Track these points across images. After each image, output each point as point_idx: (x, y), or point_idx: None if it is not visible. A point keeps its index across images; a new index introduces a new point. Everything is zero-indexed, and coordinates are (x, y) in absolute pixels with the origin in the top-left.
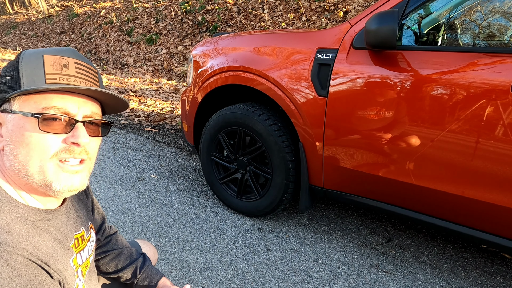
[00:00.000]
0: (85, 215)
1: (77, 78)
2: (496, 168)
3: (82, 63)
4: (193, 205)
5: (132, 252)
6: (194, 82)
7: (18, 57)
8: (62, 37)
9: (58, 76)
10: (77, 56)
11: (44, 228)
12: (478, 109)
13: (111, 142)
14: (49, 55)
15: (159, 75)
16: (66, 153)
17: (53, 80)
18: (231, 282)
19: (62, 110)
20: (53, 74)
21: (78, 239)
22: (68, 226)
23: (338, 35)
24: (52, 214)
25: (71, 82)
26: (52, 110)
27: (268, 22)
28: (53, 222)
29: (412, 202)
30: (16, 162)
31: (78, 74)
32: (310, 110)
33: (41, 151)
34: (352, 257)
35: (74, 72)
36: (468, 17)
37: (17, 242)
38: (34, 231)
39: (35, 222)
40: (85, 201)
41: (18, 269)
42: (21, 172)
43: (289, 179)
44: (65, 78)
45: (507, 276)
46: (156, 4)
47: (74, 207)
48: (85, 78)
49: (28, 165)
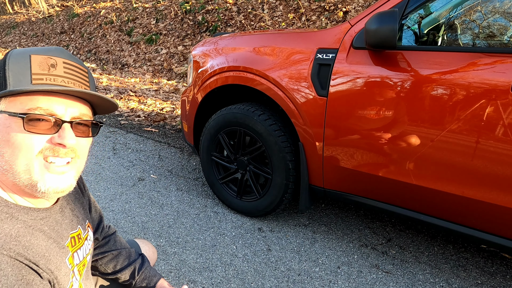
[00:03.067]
0: (81, 214)
1: (64, 79)
2: (496, 168)
3: (71, 63)
4: (193, 205)
5: (131, 253)
6: (194, 82)
7: (6, 56)
8: (62, 37)
9: (44, 76)
10: (66, 55)
11: (36, 227)
12: (478, 109)
13: (111, 142)
14: (37, 55)
15: (159, 75)
16: (50, 151)
17: (39, 80)
18: (231, 282)
19: (48, 111)
20: (40, 75)
21: (75, 238)
22: (63, 225)
23: (338, 35)
24: (45, 213)
25: (58, 82)
26: (38, 111)
27: (268, 22)
28: (46, 221)
29: (412, 202)
30: (2, 161)
31: (66, 74)
32: (310, 110)
33: (26, 150)
34: (352, 257)
35: (62, 72)
36: (468, 17)
37: (4, 242)
38: (25, 230)
39: (26, 221)
40: (82, 200)
41: (4, 269)
42: (7, 171)
43: (289, 179)
44: (52, 78)
45: (507, 276)
46: (156, 4)
47: (70, 206)
48: (74, 78)
49: (15, 164)
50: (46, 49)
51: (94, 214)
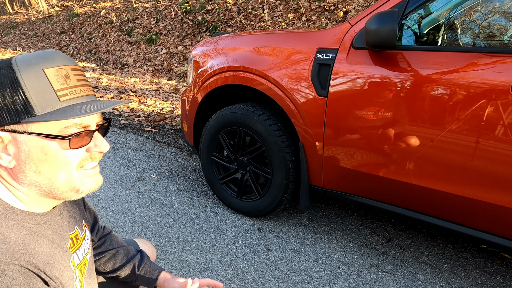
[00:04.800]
0: (78, 214)
1: (81, 87)
2: (496, 168)
3: (75, 67)
4: (193, 205)
5: (128, 250)
6: (194, 82)
7: (14, 74)
8: (62, 37)
9: (67, 90)
10: (67, 60)
11: (41, 233)
12: (478, 109)
13: (111, 142)
14: (48, 68)
15: (159, 75)
16: (88, 160)
17: (65, 96)
18: (231, 282)
19: (82, 124)
20: (63, 90)
21: (73, 239)
22: (64, 227)
23: (338, 35)
24: (47, 217)
25: (79, 93)
26: (74, 127)
27: (268, 22)
28: (49, 224)
29: (412, 202)
30: (40, 178)
31: (79, 82)
32: (310, 110)
33: (68, 165)
34: (352, 257)
35: (76, 81)
36: (468, 17)
37: (13, 252)
38: (30, 237)
39: (31, 228)
40: (77, 200)
41: (16, 278)
42: (45, 185)
43: (289, 179)
44: (73, 91)
45: (507, 276)
46: (156, 4)
47: (67, 207)
48: (84, 84)
49: (56, 179)
50: (49, 58)
51: (89, 215)
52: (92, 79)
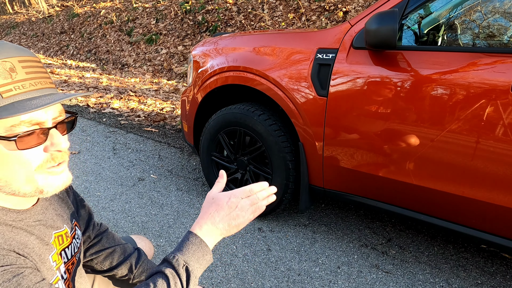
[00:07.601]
0: (67, 213)
1: (30, 81)
2: (496, 168)
3: (25, 58)
4: (193, 205)
5: (126, 248)
6: (194, 82)
7: None
8: (62, 37)
9: (12, 85)
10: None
11: (17, 226)
12: (478, 109)
13: (111, 142)
14: None
15: (159, 75)
16: (50, 162)
17: (8, 92)
18: (231, 282)
19: (32, 122)
20: (6, 85)
21: (62, 236)
22: (47, 225)
23: (338, 35)
24: (24, 215)
25: (27, 88)
26: (23, 125)
27: (268, 22)
28: (26, 222)
29: (412, 202)
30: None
31: (30, 75)
32: (310, 110)
33: (24, 166)
34: (352, 257)
35: (24, 74)
36: (468, 17)
37: None
38: (5, 228)
39: (6, 221)
40: (66, 199)
41: None
42: (3, 187)
43: (289, 179)
44: (19, 85)
45: (507, 276)
46: (156, 4)
47: (53, 206)
48: (37, 76)
49: (13, 180)
50: None
51: (83, 212)
52: (92, 79)
